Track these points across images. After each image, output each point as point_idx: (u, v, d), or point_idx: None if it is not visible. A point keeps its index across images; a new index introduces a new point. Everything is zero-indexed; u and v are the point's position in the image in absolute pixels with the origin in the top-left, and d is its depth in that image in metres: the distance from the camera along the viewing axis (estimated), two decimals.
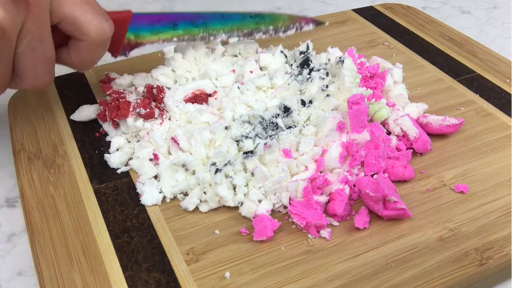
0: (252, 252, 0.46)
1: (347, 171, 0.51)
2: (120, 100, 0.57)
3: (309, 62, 0.62)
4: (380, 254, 0.46)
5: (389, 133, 0.57)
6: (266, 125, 0.54)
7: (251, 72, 0.63)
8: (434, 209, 0.50)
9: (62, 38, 0.52)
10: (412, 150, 0.54)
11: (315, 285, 0.43)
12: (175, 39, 0.62)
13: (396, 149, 0.55)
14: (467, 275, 0.44)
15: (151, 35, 0.61)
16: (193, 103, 0.58)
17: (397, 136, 0.56)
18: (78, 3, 0.50)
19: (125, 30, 0.57)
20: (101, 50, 0.54)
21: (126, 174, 0.53)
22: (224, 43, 0.67)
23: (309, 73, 0.60)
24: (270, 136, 0.53)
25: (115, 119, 0.56)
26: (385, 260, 0.45)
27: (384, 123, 0.57)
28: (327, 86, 0.56)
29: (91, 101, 0.62)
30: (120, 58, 0.61)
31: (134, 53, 0.66)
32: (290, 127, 0.54)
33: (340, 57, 0.59)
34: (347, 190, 0.50)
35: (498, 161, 0.55)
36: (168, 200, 0.51)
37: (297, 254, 0.46)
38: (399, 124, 0.56)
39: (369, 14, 0.82)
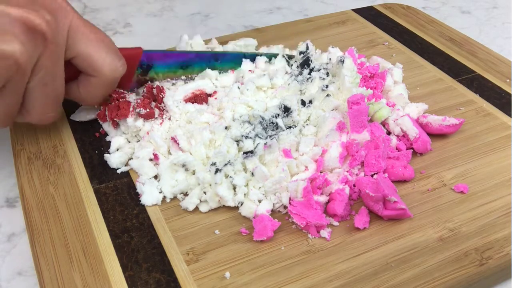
0: (252, 252, 0.46)
1: (347, 171, 0.51)
2: (120, 100, 0.57)
3: (309, 62, 0.62)
4: (380, 254, 0.46)
5: (389, 133, 0.57)
6: (266, 125, 0.54)
7: (251, 71, 0.63)
8: (434, 209, 0.50)
9: (73, 72, 0.53)
10: (412, 150, 0.54)
11: (315, 285, 0.43)
12: (183, 77, 0.63)
13: (396, 149, 0.55)
14: (467, 275, 0.44)
15: (161, 73, 0.61)
16: (193, 103, 0.58)
17: (397, 136, 0.56)
18: (93, 40, 0.51)
19: (135, 66, 0.58)
20: (111, 87, 0.54)
21: (126, 174, 0.53)
22: (223, 43, 0.67)
23: (309, 73, 0.60)
24: (270, 136, 0.53)
25: (115, 119, 0.56)
26: (385, 260, 0.45)
27: (384, 123, 0.57)
28: (327, 86, 0.56)
29: None
30: None
31: None
32: (290, 127, 0.54)
33: (340, 57, 0.59)
34: (347, 190, 0.50)
35: (498, 161, 0.55)
36: (168, 200, 0.51)
37: (297, 254, 0.46)
38: (399, 124, 0.56)
39: (369, 14, 0.82)
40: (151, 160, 0.54)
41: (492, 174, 0.53)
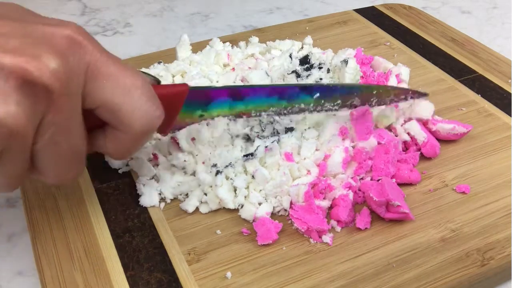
0: (253, 252, 0.46)
1: (352, 178, 0.51)
2: None
3: (309, 59, 0.61)
4: (382, 255, 0.46)
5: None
6: (265, 126, 0.54)
7: (250, 68, 0.63)
8: (435, 209, 0.50)
9: (97, 121, 0.41)
10: (419, 153, 0.54)
11: (316, 285, 0.43)
12: (230, 116, 0.51)
13: (405, 147, 0.55)
14: (468, 275, 0.44)
15: (207, 112, 0.50)
16: None
17: (405, 141, 0.56)
18: (121, 87, 0.39)
19: (179, 107, 0.47)
20: (144, 141, 0.44)
21: (128, 174, 0.53)
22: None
23: (308, 70, 0.60)
24: (268, 137, 0.53)
25: None
26: (386, 261, 0.45)
27: (391, 128, 0.57)
28: (321, 79, 0.56)
29: None
30: (121, 57, 0.60)
31: (135, 53, 0.66)
32: (290, 128, 0.54)
33: (344, 59, 0.59)
34: (350, 195, 0.49)
35: (500, 161, 0.55)
36: (168, 201, 0.51)
37: (298, 254, 0.46)
38: (407, 129, 0.56)
39: (370, 14, 0.82)
40: (150, 160, 0.53)
41: (494, 175, 0.53)
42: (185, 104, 0.47)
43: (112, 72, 0.39)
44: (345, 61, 0.58)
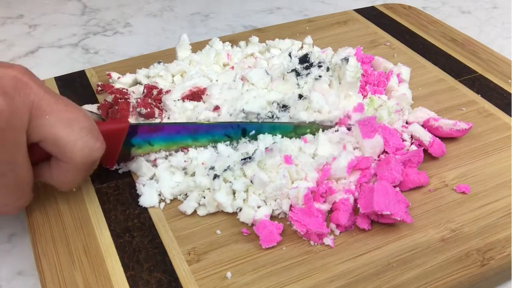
0: (253, 252, 0.46)
1: (355, 185, 0.51)
2: (120, 101, 0.56)
3: (308, 58, 0.61)
4: (382, 255, 0.46)
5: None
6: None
7: (250, 67, 0.63)
8: (435, 209, 0.50)
9: (43, 154, 0.45)
10: (422, 149, 0.54)
11: (316, 285, 0.43)
12: (173, 151, 0.54)
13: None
14: (468, 275, 0.44)
15: (148, 147, 0.53)
16: (190, 100, 0.58)
17: (411, 143, 0.56)
18: (63, 120, 0.43)
19: (120, 142, 0.50)
20: (87, 172, 0.46)
21: (128, 174, 0.53)
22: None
23: (307, 68, 0.60)
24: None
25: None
26: (386, 261, 0.45)
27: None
28: (320, 76, 0.57)
29: (92, 101, 0.62)
30: (121, 57, 0.60)
31: (135, 53, 0.66)
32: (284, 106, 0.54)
33: (345, 57, 0.59)
34: (351, 199, 0.49)
35: (500, 161, 0.55)
36: (167, 202, 0.50)
37: (298, 254, 0.46)
38: (410, 132, 0.56)
39: (370, 14, 0.82)
40: (148, 160, 0.53)
41: (493, 175, 0.53)
42: (129, 139, 0.51)
43: (55, 108, 0.42)
44: (346, 59, 0.58)
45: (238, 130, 0.54)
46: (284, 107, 0.56)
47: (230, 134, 0.54)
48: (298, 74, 0.60)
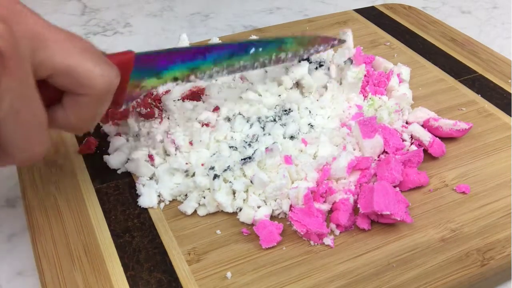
0: (253, 252, 0.46)
1: (355, 185, 0.51)
2: None
3: (308, 57, 0.61)
4: (382, 255, 0.46)
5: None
6: (264, 124, 0.54)
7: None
8: (435, 209, 0.50)
9: (51, 95, 0.40)
10: (422, 149, 0.54)
11: (316, 285, 0.43)
12: (179, 81, 0.51)
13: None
14: (468, 275, 0.44)
15: (157, 78, 0.50)
16: (190, 100, 0.58)
17: (411, 143, 0.56)
18: (71, 49, 0.38)
19: (128, 75, 0.46)
20: (106, 103, 0.42)
21: (128, 174, 0.53)
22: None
23: (300, 61, 0.60)
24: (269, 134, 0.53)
25: (115, 120, 0.56)
26: (386, 261, 0.45)
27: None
28: (320, 65, 0.57)
29: None
30: None
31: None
32: (292, 137, 0.54)
33: (349, 58, 0.59)
34: (351, 199, 0.49)
35: (500, 161, 0.55)
36: (167, 202, 0.50)
37: (298, 254, 0.46)
38: (410, 132, 0.56)
39: (370, 14, 0.82)
40: (146, 161, 0.53)
41: (493, 175, 0.53)
42: (134, 72, 0.47)
43: (62, 37, 0.38)
44: (350, 60, 0.58)
45: (242, 49, 0.53)
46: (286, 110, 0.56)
47: (234, 53, 0.53)
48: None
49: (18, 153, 0.38)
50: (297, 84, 0.58)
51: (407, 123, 0.59)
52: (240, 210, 0.49)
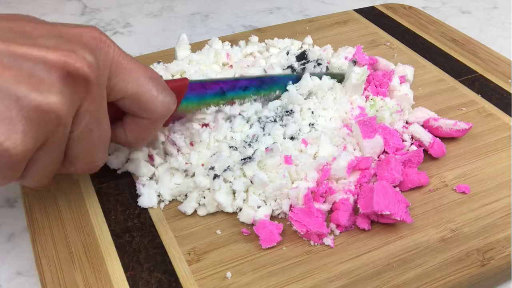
0: (253, 252, 0.46)
1: (355, 185, 0.50)
2: None
3: (306, 55, 0.61)
4: (382, 255, 0.46)
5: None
6: (264, 125, 0.54)
7: (248, 66, 0.63)
8: (435, 209, 0.50)
9: (116, 114, 0.46)
10: (423, 150, 0.54)
11: (316, 285, 0.43)
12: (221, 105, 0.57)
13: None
14: (468, 275, 0.44)
15: (201, 103, 0.55)
16: None
17: (411, 143, 0.56)
18: (141, 78, 0.44)
19: (180, 99, 0.51)
20: (160, 126, 0.48)
21: (128, 174, 0.53)
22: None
23: (304, 65, 0.60)
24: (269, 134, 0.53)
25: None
26: (386, 261, 0.45)
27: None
28: (318, 64, 0.57)
29: None
30: None
31: (135, 53, 0.66)
32: (291, 138, 0.54)
33: (353, 59, 0.59)
34: (351, 199, 0.49)
35: (500, 161, 0.55)
36: (167, 202, 0.50)
37: (298, 254, 0.46)
38: (410, 132, 0.56)
39: (371, 14, 0.82)
40: (146, 161, 0.53)
41: (493, 175, 0.53)
42: (185, 97, 0.52)
43: (133, 66, 0.43)
44: (354, 61, 0.58)
45: (255, 84, 0.57)
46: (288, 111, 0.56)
47: (249, 87, 0.57)
48: (294, 70, 0.60)
49: (81, 164, 0.44)
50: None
51: (407, 123, 0.59)
52: (240, 210, 0.49)
